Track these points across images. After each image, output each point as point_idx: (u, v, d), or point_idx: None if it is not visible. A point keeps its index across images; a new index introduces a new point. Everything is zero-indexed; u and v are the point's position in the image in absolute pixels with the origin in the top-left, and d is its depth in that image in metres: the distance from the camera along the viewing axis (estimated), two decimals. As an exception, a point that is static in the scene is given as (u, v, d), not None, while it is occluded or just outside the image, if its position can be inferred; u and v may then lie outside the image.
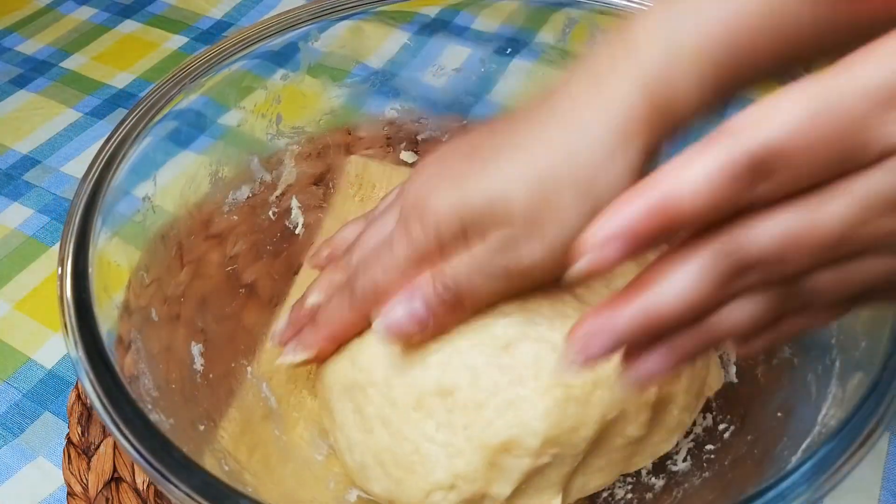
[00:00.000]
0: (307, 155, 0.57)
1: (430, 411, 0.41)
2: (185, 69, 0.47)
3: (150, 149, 0.44)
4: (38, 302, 0.60)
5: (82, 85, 0.79)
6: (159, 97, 0.45)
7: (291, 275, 0.55)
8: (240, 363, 0.49)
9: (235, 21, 0.87)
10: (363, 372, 0.43)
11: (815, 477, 0.31)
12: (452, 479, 0.40)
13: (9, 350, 0.57)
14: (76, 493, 0.48)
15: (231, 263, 0.52)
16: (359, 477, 0.43)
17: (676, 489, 0.43)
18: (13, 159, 0.71)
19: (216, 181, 0.51)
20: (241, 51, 0.49)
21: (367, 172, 0.59)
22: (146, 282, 0.43)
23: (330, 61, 0.55)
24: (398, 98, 0.59)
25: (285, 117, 0.54)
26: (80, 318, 0.36)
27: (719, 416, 0.46)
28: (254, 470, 0.42)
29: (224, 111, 0.51)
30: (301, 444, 0.47)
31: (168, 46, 0.83)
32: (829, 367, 0.38)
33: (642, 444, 0.43)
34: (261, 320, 0.52)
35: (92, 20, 0.87)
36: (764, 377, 0.46)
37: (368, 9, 0.52)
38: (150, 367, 0.40)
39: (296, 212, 0.56)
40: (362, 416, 0.43)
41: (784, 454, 0.36)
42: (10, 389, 0.54)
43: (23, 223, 0.65)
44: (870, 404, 0.32)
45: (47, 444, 0.51)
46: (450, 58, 0.59)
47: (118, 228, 0.42)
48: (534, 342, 0.41)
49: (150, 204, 0.45)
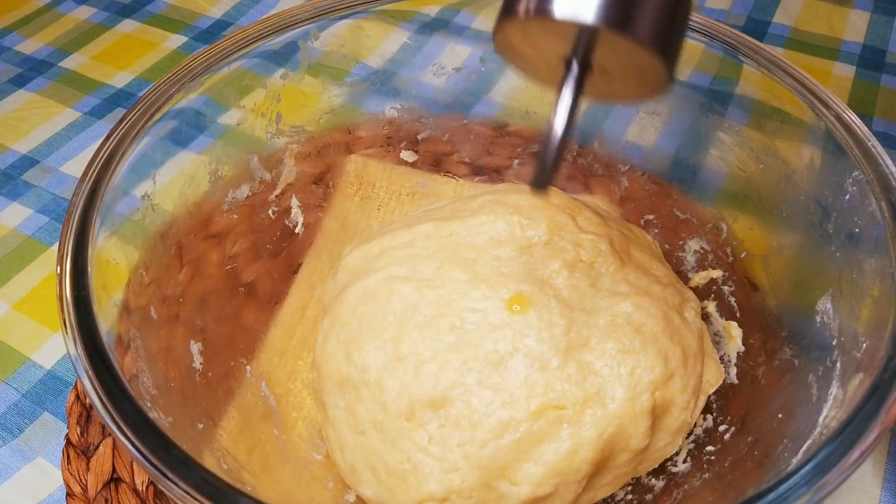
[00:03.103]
0: (307, 154, 0.57)
1: (421, 422, 0.41)
2: (184, 68, 0.47)
3: (150, 148, 0.44)
4: (37, 302, 0.60)
5: (81, 84, 0.79)
6: (158, 96, 0.45)
7: (291, 274, 0.55)
8: (239, 362, 0.49)
9: (235, 20, 0.87)
10: (357, 369, 0.43)
11: (816, 478, 0.31)
12: (446, 492, 0.40)
13: (8, 350, 0.57)
14: (75, 493, 0.47)
15: (230, 263, 0.52)
16: (350, 479, 0.44)
17: (676, 490, 0.43)
18: (12, 159, 0.71)
19: (216, 180, 0.51)
20: (240, 50, 0.49)
21: (366, 172, 0.59)
22: (145, 281, 0.43)
23: (330, 60, 0.55)
24: (398, 97, 0.59)
25: (285, 116, 0.54)
26: (80, 317, 0.36)
27: (720, 418, 0.46)
28: (253, 469, 0.42)
29: (223, 110, 0.51)
30: (300, 444, 0.47)
31: (167, 46, 0.83)
32: (830, 369, 0.38)
33: (647, 451, 0.43)
34: (260, 319, 0.52)
35: (91, 20, 0.87)
36: (764, 378, 0.46)
37: (368, 8, 0.52)
38: (150, 365, 0.39)
39: (295, 211, 0.56)
40: (354, 416, 0.43)
41: (784, 455, 0.36)
42: (9, 390, 0.54)
43: (22, 223, 0.65)
44: (871, 406, 0.32)
45: (46, 444, 0.51)
46: (450, 57, 0.59)
47: (117, 227, 0.41)
48: (524, 357, 0.41)
49: (150, 203, 0.45)
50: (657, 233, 0.56)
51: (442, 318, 0.44)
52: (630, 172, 0.57)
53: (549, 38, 0.29)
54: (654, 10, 0.27)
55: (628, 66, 0.29)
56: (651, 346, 0.42)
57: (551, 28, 0.28)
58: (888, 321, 0.35)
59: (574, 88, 0.29)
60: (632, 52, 0.28)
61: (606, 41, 0.28)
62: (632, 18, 0.27)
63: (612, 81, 0.31)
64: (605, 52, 0.29)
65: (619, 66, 0.30)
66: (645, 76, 0.30)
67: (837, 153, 0.42)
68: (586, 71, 0.30)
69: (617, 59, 0.29)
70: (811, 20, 0.81)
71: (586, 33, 0.28)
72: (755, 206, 0.51)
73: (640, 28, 0.27)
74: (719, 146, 0.52)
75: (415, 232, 0.49)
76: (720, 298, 0.52)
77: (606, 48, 0.28)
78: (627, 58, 0.28)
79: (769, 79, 0.46)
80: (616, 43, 0.27)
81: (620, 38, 0.27)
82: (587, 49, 0.29)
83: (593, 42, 0.28)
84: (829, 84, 0.72)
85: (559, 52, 0.30)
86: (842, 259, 0.41)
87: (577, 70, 0.29)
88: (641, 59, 0.28)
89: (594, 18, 0.27)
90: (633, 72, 0.30)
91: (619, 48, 0.28)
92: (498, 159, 0.61)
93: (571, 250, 0.46)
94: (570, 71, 0.29)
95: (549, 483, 0.39)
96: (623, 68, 0.30)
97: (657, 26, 0.27)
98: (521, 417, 0.40)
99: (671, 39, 0.28)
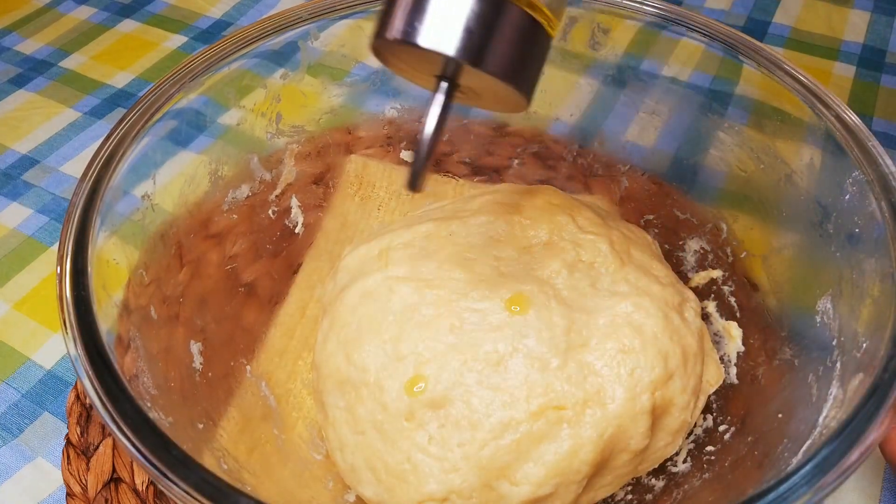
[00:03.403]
0: (307, 154, 0.57)
1: (421, 422, 0.41)
2: (184, 68, 0.47)
3: (150, 148, 0.44)
4: (37, 302, 0.60)
5: (81, 84, 0.79)
6: (158, 96, 0.45)
7: (291, 274, 0.55)
8: (239, 362, 0.49)
9: (234, 20, 0.87)
10: (357, 369, 0.43)
11: (816, 479, 0.31)
12: (446, 492, 0.40)
13: (8, 350, 0.57)
14: (75, 493, 0.47)
15: (230, 263, 0.52)
16: (350, 478, 0.44)
17: (676, 490, 0.43)
18: (12, 159, 0.71)
19: (216, 180, 0.51)
20: (240, 50, 0.49)
21: (366, 172, 0.59)
22: (145, 281, 0.43)
23: (330, 60, 0.55)
24: (398, 97, 0.59)
25: (285, 116, 0.54)
26: (80, 316, 0.36)
27: (720, 418, 0.46)
28: (253, 469, 0.42)
29: (223, 110, 0.51)
30: (300, 444, 0.47)
31: (167, 46, 0.83)
32: (830, 369, 0.38)
33: (648, 451, 0.43)
34: (260, 319, 0.52)
35: (91, 20, 0.87)
36: (764, 378, 0.46)
37: (368, 7, 0.52)
38: (150, 365, 0.39)
39: (295, 211, 0.56)
40: (354, 416, 0.43)
41: (784, 455, 0.36)
42: (8, 390, 0.54)
43: (22, 223, 0.65)
44: (871, 406, 0.32)
45: (46, 444, 0.51)
46: (450, 57, 0.59)
47: (117, 227, 0.41)
48: (524, 357, 0.41)
49: (150, 203, 0.45)
50: (657, 233, 0.56)
51: (441, 319, 0.44)
52: (630, 172, 0.57)
53: (418, 59, 0.32)
54: (506, 45, 0.31)
55: (488, 88, 0.33)
56: (651, 347, 0.42)
57: (416, 52, 0.31)
58: (888, 321, 0.35)
59: (442, 102, 0.33)
60: (487, 80, 0.31)
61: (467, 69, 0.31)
62: (486, 54, 0.30)
63: (478, 96, 0.35)
64: (468, 75, 0.32)
65: (482, 87, 0.33)
66: (503, 97, 0.34)
67: (837, 153, 0.42)
68: (453, 87, 0.33)
69: (478, 81, 0.32)
70: (811, 20, 0.81)
71: (447, 61, 0.31)
72: (755, 206, 0.51)
73: (492, 62, 0.31)
74: (719, 146, 0.52)
75: (414, 232, 0.49)
76: (720, 298, 0.52)
77: (468, 73, 0.31)
78: (486, 82, 0.32)
79: (769, 79, 0.46)
80: (473, 72, 0.31)
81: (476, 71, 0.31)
82: (454, 72, 0.32)
83: (455, 67, 0.32)
84: (829, 84, 0.72)
85: (429, 70, 0.33)
86: (842, 259, 0.41)
87: (444, 87, 0.33)
88: (497, 84, 0.32)
89: (454, 51, 0.30)
90: (493, 92, 0.33)
91: (477, 75, 0.31)
92: (498, 159, 0.61)
93: (571, 250, 0.46)
94: (439, 87, 0.33)
95: (550, 483, 0.39)
96: (485, 89, 0.33)
97: (509, 59, 0.31)
98: (521, 418, 0.40)
99: (523, 69, 0.32)
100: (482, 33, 0.30)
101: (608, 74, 0.56)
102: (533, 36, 0.32)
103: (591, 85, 0.57)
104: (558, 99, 0.58)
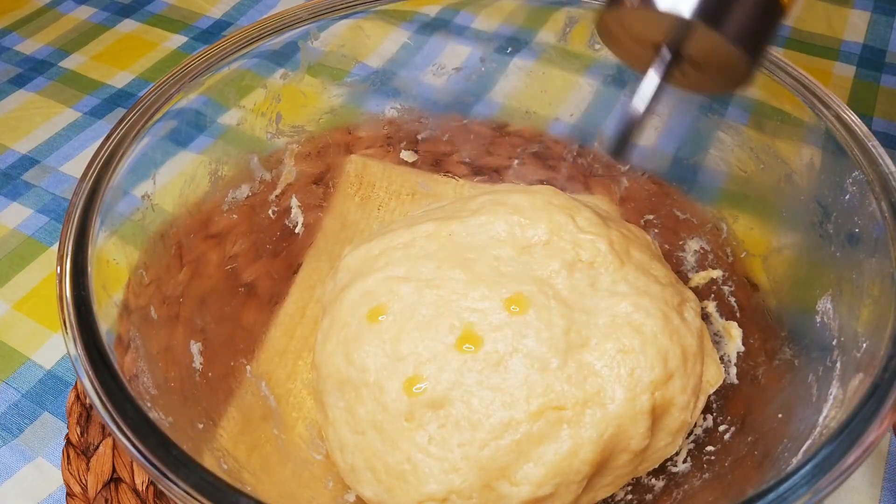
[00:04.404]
0: (307, 154, 0.57)
1: (421, 422, 0.41)
2: (184, 68, 0.47)
3: (150, 148, 0.44)
4: (37, 302, 0.60)
5: (81, 84, 0.79)
6: (158, 96, 0.45)
7: (291, 274, 0.55)
8: (239, 362, 0.49)
9: (234, 20, 0.87)
10: (357, 369, 0.43)
11: (816, 479, 0.31)
12: (446, 493, 0.40)
13: (8, 350, 0.57)
14: (75, 493, 0.47)
15: (230, 263, 0.52)
16: (350, 479, 0.44)
17: (676, 490, 0.43)
18: (12, 159, 0.71)
19: (215, 180, 0.51)
20: (240, 50, 0.49)
21: (366, 172, 0.59)
22: (145, 281, 0.43)
23: (330, 60, 0.55)
24: (398, 97, 0.59)
25: (285, 116, 0.54)
26: (80, 316, 0.36)
27: (720, 418, 0.46)
28: (253, 469, 0.42)
29: (223, 110, 0.51)
30: (300, 444, 0.47)
31: (167, 46, 0.83)
32: (830, 369, 0.38)
33: (648, 451, 0.43)
34: (260, 319, 0.52)
35: (91, 20, 0.87)
36: (765, 378, 0.46)
37: (368, 8, 0.52)
38: (150, 365, 0.39)
39: (295, 211, 0.56)
40: (354, 416, 0.43)
41: (784, 456, 0.36)
42: (9, 390, 0.54)
43: (22, 223, 0.65)
44: (871, 406, 0.32)
45: (46, 444, 0.51)
46: (450, 57, 0.59)
47: (117, 227, 0.41)
48: (524, 357, 0.41)
49: (150, 203, 0.45)
50: (657, 233, 0.56)
51: (441, 319, 0.44)
52: (630, 172, 0.57)
53: (646, 27, 0.32)
54: (745, 12, 0.31)
55: (714, 60, 0.33)
56: (651, 347, 0.42)
57: (651, 18, 0.31)
58: (888, 321, 0.35)
59: (661, 72, 0.33)
60: (719, 46, 0.31)
61: (698, 34, 0.31)
62: (724, 17, 0.30)
63: (695, 72, 0.34)
64: (696, 44, 0.32)
65: (706, 59, 0.33)
66: (727, 70, 0.33)
67: (837, 153, 0.42)
68: (675, 59, 0.33)
69: (705, 51, 0.32)
70: (811, 20, 0.81)
71: (682, 25, 0.31)
72: (755, 206, 0.51)
73: (730, 26, 0.30)
74: (719, 146, 0.52)
75: (414, 232, 0.49)
76: (720, 298, 0.52)
77: (697, 41, 0.31)
78: (714, 52, 0.32)
79: (769, 79, 0.46)
80: (706, 37, 0.31)
81: (711, 33, 0.30)
82: (680, 39, 0.32)
83: (686, 34, 0.32)
84: (829, 84, 0.72)
85: (654, 40, 0.33)
86: (842, 259, 0.41)
87: (667, 56, 0.33)
88: (727, 54, 0.31)
89: (691, 13, 0.30)
90: (717, 65, 0.33)
91: (708, 42, 0.31)
92: (498, 159, 0.61)
93: (571, 250, 0.46)
94: (660, 56, 0.33)
95: (550, 483, 0.39)
96: (709, 61, 0.33)
97: (746, 26, 0.31)
98: (521, 418, 0.40)
99: (757, 39, 0.31)
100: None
101: (608, 74, 0.56)
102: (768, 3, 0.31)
103: (591, 85, 0.57)
104: (558, 99, 0.58)
